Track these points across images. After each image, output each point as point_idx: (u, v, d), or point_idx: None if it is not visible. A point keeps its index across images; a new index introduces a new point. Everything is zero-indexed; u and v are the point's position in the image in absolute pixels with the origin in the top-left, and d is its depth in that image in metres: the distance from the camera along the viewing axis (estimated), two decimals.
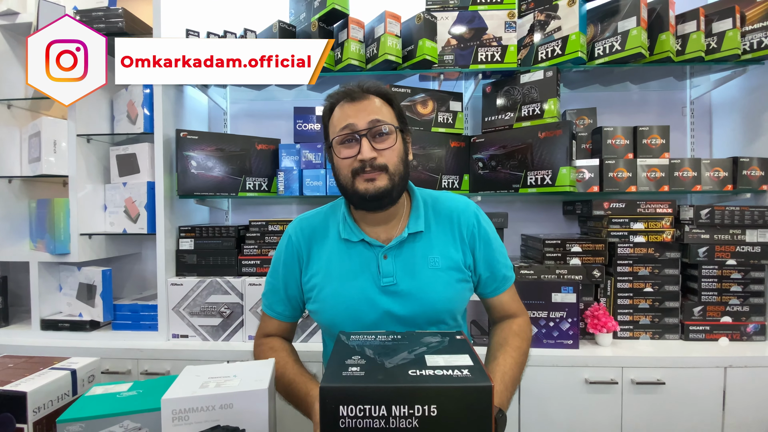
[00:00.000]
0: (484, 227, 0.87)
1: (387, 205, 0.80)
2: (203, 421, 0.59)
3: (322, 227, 0.88)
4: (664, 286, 1.50)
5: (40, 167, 1.54)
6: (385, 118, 0.79)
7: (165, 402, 0.58)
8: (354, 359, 0.56)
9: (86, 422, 0.60)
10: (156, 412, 0.62)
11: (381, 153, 0.77)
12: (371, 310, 0.80)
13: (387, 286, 0.80)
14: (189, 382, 0.64)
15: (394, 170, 0.78)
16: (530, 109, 1.51)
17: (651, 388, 1.35)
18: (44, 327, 1.60)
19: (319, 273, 0.84)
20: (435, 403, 0.47)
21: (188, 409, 0.58)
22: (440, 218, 0.85)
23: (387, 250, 0.81)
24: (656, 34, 1.46)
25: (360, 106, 0.78)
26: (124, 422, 0.61)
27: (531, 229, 1.81)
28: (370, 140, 0.77)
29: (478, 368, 0.52)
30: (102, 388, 0.69)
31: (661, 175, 1.50)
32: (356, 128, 0.77)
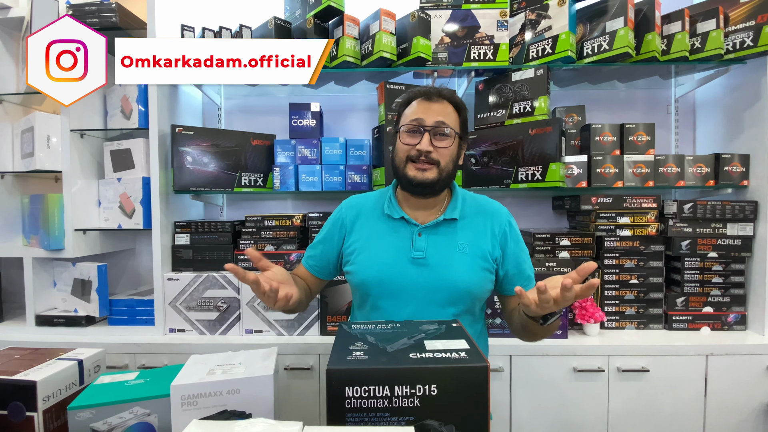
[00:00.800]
0: (515, 229, 0.98)
1: (429, 194, 0.92)
2: (211, 406, 0.62)
3: (370, 205, 1.00)
4: (649, 278, 1.56)
5: (34, 162, 1.54)
6: (450, 122, 0.90)
7: (174, 388, 0.60)
8: (357, 345, 0.59)
9: (96, 409, 0.62)
10: (164, 399, 0.64)
11: (437, 149, 0.88)
12: (399, 276, 0.89)
13: (417, 258, 0.90)
14: (196, 369, 0.66)
15: (444, 167, 0.90)
16: (521, 107, 1.55)
17: (636, 376, 1.41)
18: (39, 323, 1.59)
19: (360, 240, 0.96)
20: (435, 383, 0.51)
21: (197, 394, 0.61)
22: (476, 212, 0.96)
23: (423, 228, 0.93)
24: (643, 33, 1.51)
25: (432, 107, 0.90)
26: (134, 408, 0.63)
27: (521, 223, 1.86)
28: (432, 136, 0.88)
29: (474, 351, 0.55)
30: (109, 377, 0.71)
31: (647, 171, 1.55)
32: (423, 123, 0.89)
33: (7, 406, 0.66)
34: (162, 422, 0.64)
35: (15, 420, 0.65)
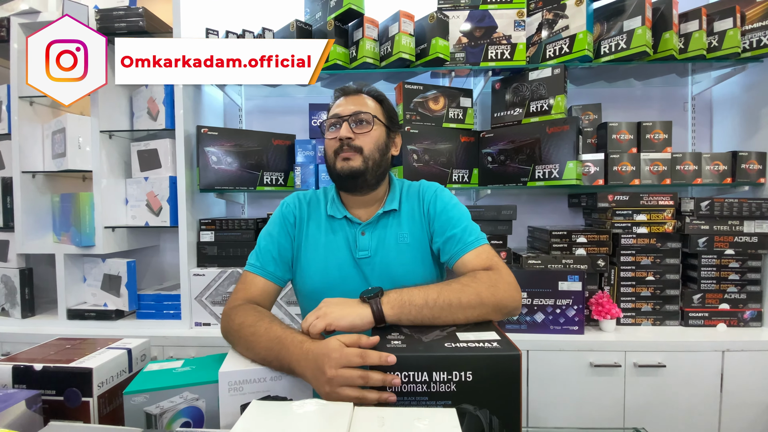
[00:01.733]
0: (441, 198, 0.93)
1: (362, 186, 0.89)
2: (255, 391, 0.66)
3: (315, 203, 0.97)
4: (665, 275, 1.57)
5: (66, 162, 1.60)
6: (370, 110, 0.90)
7: (222, 374, 0.64)
8: (393, 335, 0.63)
9: (150, 393, 0.66)
10: (211, 385, 0.68)
11: (358, 136, 0.88)
12: (348, 279, 0.89)
13: (362, 258, 0.89)
14: (240, 357, 0.70)
15: (368, 154, 0.88)
16: (538, 105, 1.57)
17: (652, 371, 1.43)
18: (70, 317, 1.66)
19: (307, 245, 0.93)
20: (470, 370, 0.54)
21: (242, 381, 0.65)
22: (410, 199, 0.95)
23: (365, 226, 0.92)
24: (660, 32, 1.52)
25: (349, 100, 0.91)
26: (184, 393, 0.67)
27: (537, 221, 1.88)
28: (351, 124, 0.88)
29: (506, 341, 0.59)
30: (157, 365, 0.75)
31: (664, 169, 1.56)
32: (340, 115, 0.89)
33: (64, 393, 0.70)
34: (209, 407, 0.68)
35: (71, 405, 0.70)
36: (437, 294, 0.71)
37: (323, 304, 0.71)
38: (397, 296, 0.70)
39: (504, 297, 0.74)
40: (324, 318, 0.68)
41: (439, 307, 0.70)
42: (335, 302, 0.71)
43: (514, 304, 0.76)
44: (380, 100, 0.94)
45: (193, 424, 0.68)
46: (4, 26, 1.68)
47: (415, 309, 0.69)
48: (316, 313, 0.69)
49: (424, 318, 0.70)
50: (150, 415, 0.66)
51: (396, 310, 0.69)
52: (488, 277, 0.77)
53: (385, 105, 0.95)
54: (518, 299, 0.77)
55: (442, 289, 0.72)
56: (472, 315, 0.71)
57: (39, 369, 0.71)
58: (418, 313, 0.69)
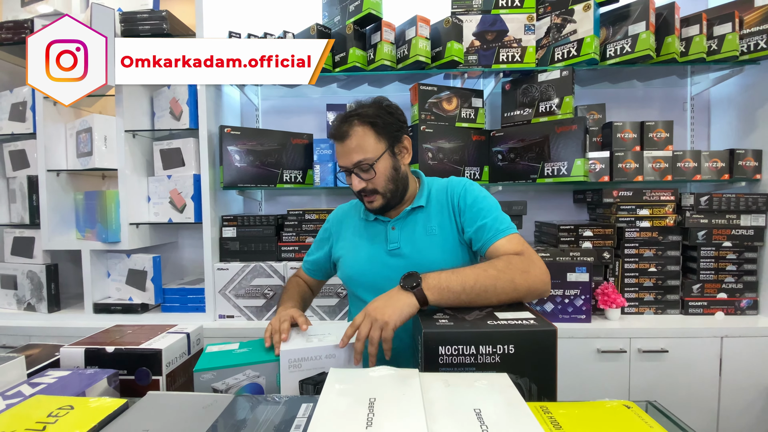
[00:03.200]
0: (470, 191, 0.97)
1: (391, 209, 0.99)
2: (312, 368, 0.73)
3: (351, 212, 1.10)
4: (667, 266, 1.66)
5: (92, 161, 1.65)
6: (366, 152, 0.91)
7: (284, 353, 0.71)
8: (439, 315, 0.70)
9: (217, 371, 0.73)
10: (270, 363, 0.75)
11: (369, 182, 0.93)
12: (381, 269, 0.96)
13: (392, 249, 0.97)
14: (295, 338, 0.77)
15: (384, 190, 0.95)
16: (547, 106, 1.65)
17: (655, 356, 1.52)
18: (96, 310, 1.72)
19: (345, 244, 1.05)
20: (513, 343, 0.62)
21: (301, 358, 0.72)
22: (438, 194, 1.00)
23: (394, 221, 1.00)
24: (663, 36, 1.60)
25: (345, 148, 0.92)
26: (246, 371, 0.74)
27: (543, 216, 1.96)
28: (358, 174, 0.93)
29: (541, 318, 0.66)
30: (216, 347, 0.82)
31: (665, 166, 1.65)
32: (346, 167, 0.95)
33: (135, 372, 0.77)
34: (268, 383, 0.75)
35: (142, 384, 0.77)
36: (474, 280, 0.77)
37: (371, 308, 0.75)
38: (436, 283, 0.77)
39: (535, 281, 0.81)
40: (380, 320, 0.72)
41: (475, 293, 0.76)
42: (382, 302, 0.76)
43: (545, 287, 0.82)
44: (371, 122, 0.91)
45: None
46: (28, 28, 1.73)
47: (453, 295, 0.76)
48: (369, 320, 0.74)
49: (461, 302, 0.77)
50: (217, 390, 0.73)
51: (436, 296, 0.76)
52: (521, 262, 0.82)
53: (378, 125, 0.92)
54: (548, 282, 0.83)
55: (479, 276, 0.78)
56: (506, 299, 0.78)
57: (111, 351, 0.77)
58: (456, 299, 0.76)
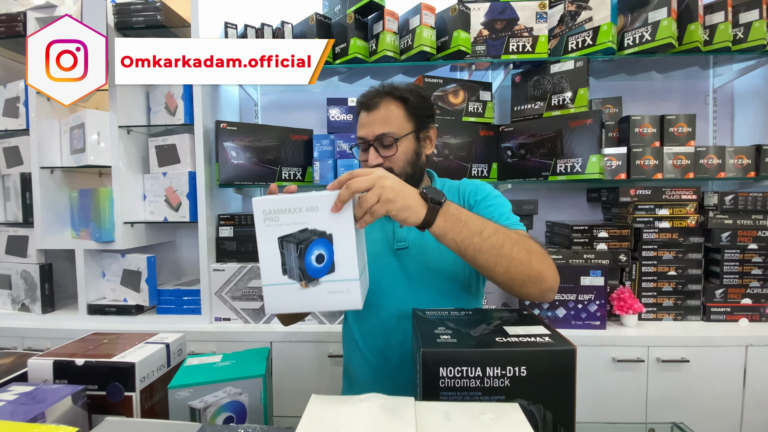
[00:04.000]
0: (482, 189, 0.93)
1: None
2: (291, 222, 0.61)
3: None
4: (687, 270, 1.56)
5: (85, 158, 1.60)
6: (393, 126, 0.87)
7: (256, 202, 0.60)
8: (441, 329, 0.62)
9: (194, 388, 0.66)
10: (253, 380, 0.68)
11: (387, 159, 0.87)
12: (386, 268, 0.90)
13: (400, 248, 0.90)
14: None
15: (400, 172, 0.88)
16: (560, 99, 1.55)
17: (676, 366, 1.42)
18: (91, 312, 1.67)
19: None
20: (525, 365, 0.54)
21: (277, 209, 0.60)
22: (450, 194, 0.94)
23: None
24: (685, 24, 1.49)
25: (371, 118, 0.88)
26: (227, 388, 0.67)
27: (555, 216, 1.87)
28: (377, 149, 0.87)
29: (558, 335, 0.58)
30: (197, 359, 0.76)
31: (687, 163, 1.55)
32: (366, 139, 0.89)
33: (106, 387, 0.70)
34: (252, 402, 0.68)
35: (114, 400, 0.70)
36: (494, 231, 0.69)
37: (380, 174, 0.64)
38: (456, 212, 0.67)
39: (548, 271, 0.73)
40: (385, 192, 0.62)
41: (490, 244, 0.68)
42: (394, 182, 0.64)
43: (553, 284, 0.74)
44: (404, 99, 0.89)
45: (236, 418, 0.68)
46: (21, 21, 1.68)
47: (467, 232, 0.67)
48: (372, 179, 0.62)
49: (468, 246, 0.67)
50: (194, 409, 0.66)
51: (448, 224, 0.66)
52: (540, 249, 0.75)
53: (410, 103, 0.89)
54: (557, 282, 0.75)
55: (500, 230, 0.70)
56: (514, 271, 0.70)
57: (81, 364, 0.71)
58: (466, 237, 0.67)
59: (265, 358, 0.75)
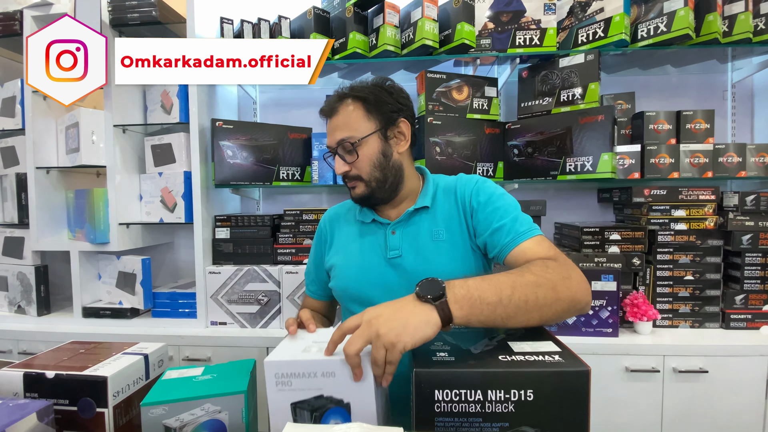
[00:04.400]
0: (484, 189, 0.84)
1: (378, 202, 0.88)
2: (306, 388, 0.56)
3: (344, 214, 0.98)
4: (705, 275, 1.48)
5: (79, 158, 1.56)
6: (351, 130, 0.82)
7: (268, 364, 0.55)
8: (437, 345, 0.56)
9: (169, 405, 0.61)
10: (235, 396, 0.63)
11: (352, 165, 0.84)
12: (378, 280, 0.84)
13: (393, 258, 0.84)
14: (293, 345, 0.62)
15: (368, 177, 0.84)
16: (569, 94, 1.48)
17: (693, 377, 1.34)
18: (86, 314, 1.64)
19: (338, 252, 0.92)
20: (531, 388, 0.47)
21: (290, 374, 0.55)
22: (446, 194, 0.88)
23: (394, 225, 0.87)
24: (703, 14, 1.41)
25: (331, 125, 0.86)
26: (205, 405, 0.62)
27: (564, 217, 1.79)
28: (342, 156, 0.84)
29: (569, 353, 0.52)
30: (176, 372, 0.70)
31: (705, 161, 1.46)
32: (330, 147, 0.86)
33: (77, 402, 0.65)
34: (232, 420, 0.63)
35: (85, 416, 0.65)
36: (511, 289, 0.59)
37: (372, 316, 0.55)
38: (464, 292, 0.58)
39: (578, 291, 0.64)
40: (386, 338, 0.52)
41: (514, 305, 0.59)
42: (389, 312, 0.55)
43: (587, 299, 0.66)
44: (362, 98, 0.84)
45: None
46: (17, 19, 1.65)
47: (488, 308, 0.57)
48: (369, 332, 0.53)
49: (497, 319, 0.58)
50: (169, 428, 0.61)
51: (466, 311, 0.56)
52: (559, 266, 0.66)
53: (369, 101, 0.83)
54: (590, 293, 0.67)
55: (516, 282, 0.61)
56: (548, 314, 0.61)
57: (51, 377, 0.66)
58: (491, 313, 0.58)
59: (249, 372, 0.70)
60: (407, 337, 0.52)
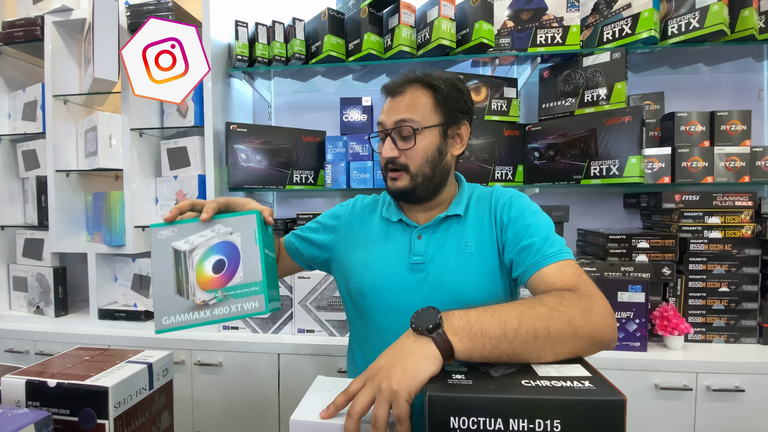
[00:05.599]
0: (517, 204, 0.79)
1: (415, 201, 0.81)
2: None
3: (370, 208, 0.91)
4: (742, 286, 1.38)
5: (97, 161, 1.58)
6: (416, 114, 0.76)
7: (293, 423, 0.50)
8: (453, 366, 0.52)
9: (179, 227, 0.57)
10: (247, 216, 0.59)
11: (403, 153, 0.77)
12: (397, 285, 0.79)
13: (416, 263, 0.79)
14: (318, 398, 0.55)
15: (416, 171, 0.78)
16: (594, 94, 1.41)
17: (729, 396, 1.25)
18: (101, 316, 1.65)
19: (355, 248, 0.86)
20: (559, 418, 0.42)
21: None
22: (479, 205, 0.83)
23: (422, 230, 0.81)
24: (738, 9, 1.33)
25: (393, 103, 0.79)
26: (215, 227, 0.58)
27: (588, 223, 1.71)
28: (395, 139, 0.78)
29: (601, 379, 0.46)
30: None
31: (741, 165, 1.37)
32: (385, 126, 0.79)
33: (78, 413, 0.63)
34: (245, 242, 0.58)
35: (86, 427, 0.63)
36: (518, 322, 0.53)
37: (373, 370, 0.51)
38: (464, 323, 0.52)
39: (601, 326, 0.57)
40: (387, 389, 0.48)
41: (521, 340, 0.52)
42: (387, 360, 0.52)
43: (612, 335, 0.59)
44: (434, 86, 0.78)
45: (227, 262, 0.58)
46: (39, 25, 1.68)
47: (491, 342, 0.52)
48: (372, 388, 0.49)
49: (501, 354, 0.52)
50: (179, 251, 0.57)
51: (466, 344, 0.51)
52: (578, 298, 0.59)
53: (440, 92, 0.78)
54: (616, 329, 0.60)
55: (524, 314, 0.54)
56: (563, 351, 0.54)
57: (53, 385, 0.64)
58: (494, 348, 0.52)
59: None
60: (409, 381, 0.47)
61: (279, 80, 1.82)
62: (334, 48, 1.48)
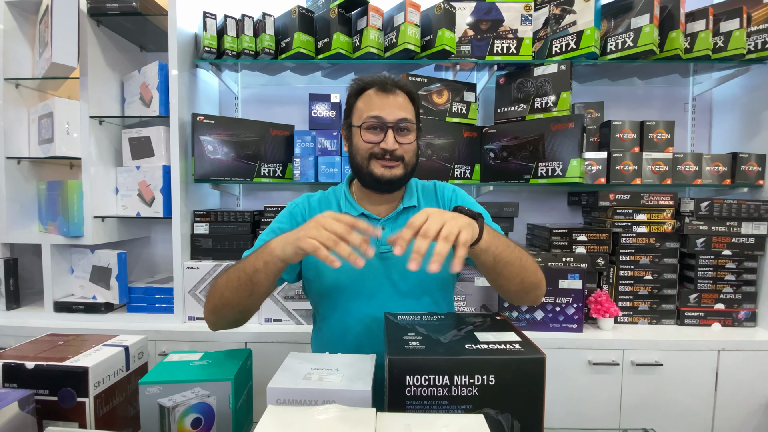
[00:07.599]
0: (461, 196, 0.97)
1: (395, 189, 0.91)
2: None
3: (326, 203, 0.96)
4: (663, 275, 1.58)
5: (53, 149, 1.53)
6: (409, 115, 0.88)
7: (270, 390, 0.58)
8: (410, 335, 0.60)
9: (164, 385, 0.63)
10: (221, 383, 0.66)
11: (402, 146, 0.87)
12: (370, 274, 0.87)
13: (384, 252, 0.88)
14: (293, 370, 0.64)
15: (408, 161, 0.89)
16: (543, 102, 1.55)
17: (649, 369, 1.44)
18: (57, 309, 1.60)
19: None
20: (493, 374, 0.52)
21: (291, 400, 0.58)
22: (427, 197, 0.97)
23: (385, 221, 0.92)
24: (667, 31, 1.51)
25: (389, 100, 0.87)
26: (195, 388, 0.64)
27: (536, 218, 1.87)
28: (395, 133, 0.86)
29: (528, 343, 0.57)
30: (177, 356, 0.73)
31: (665, 169, 1.57)
32: (384, 120, 0.85)
33: (58, 393, 0.67)
34: (220, 405, 0.65)
35: (66, 406, 0.66)
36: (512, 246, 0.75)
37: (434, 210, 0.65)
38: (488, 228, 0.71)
39: (543, 278, 0.80)
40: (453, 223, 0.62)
41: (515, 256, 0.74)
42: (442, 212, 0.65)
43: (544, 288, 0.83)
44: (414, 98, 0.91)
45: (203, 420, 0.65)
46: None
47: (503, 244, 0.72)
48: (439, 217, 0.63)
49: (502, 258, 0.71)
50: (163, 407, 0.64)
51: (489, 237, 0.69)
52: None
53: (416, 103, 0.92)
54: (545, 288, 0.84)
55: (510, 244, 0.75)
56: (527, 280, 0.76)
57: (31, 367, 0.66)
58: (503, 249, 0.72)
59: (242, 361, 0.72)
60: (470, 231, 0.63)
61: (247, 73, 1.83)
62: (304, 45, 1.52)
